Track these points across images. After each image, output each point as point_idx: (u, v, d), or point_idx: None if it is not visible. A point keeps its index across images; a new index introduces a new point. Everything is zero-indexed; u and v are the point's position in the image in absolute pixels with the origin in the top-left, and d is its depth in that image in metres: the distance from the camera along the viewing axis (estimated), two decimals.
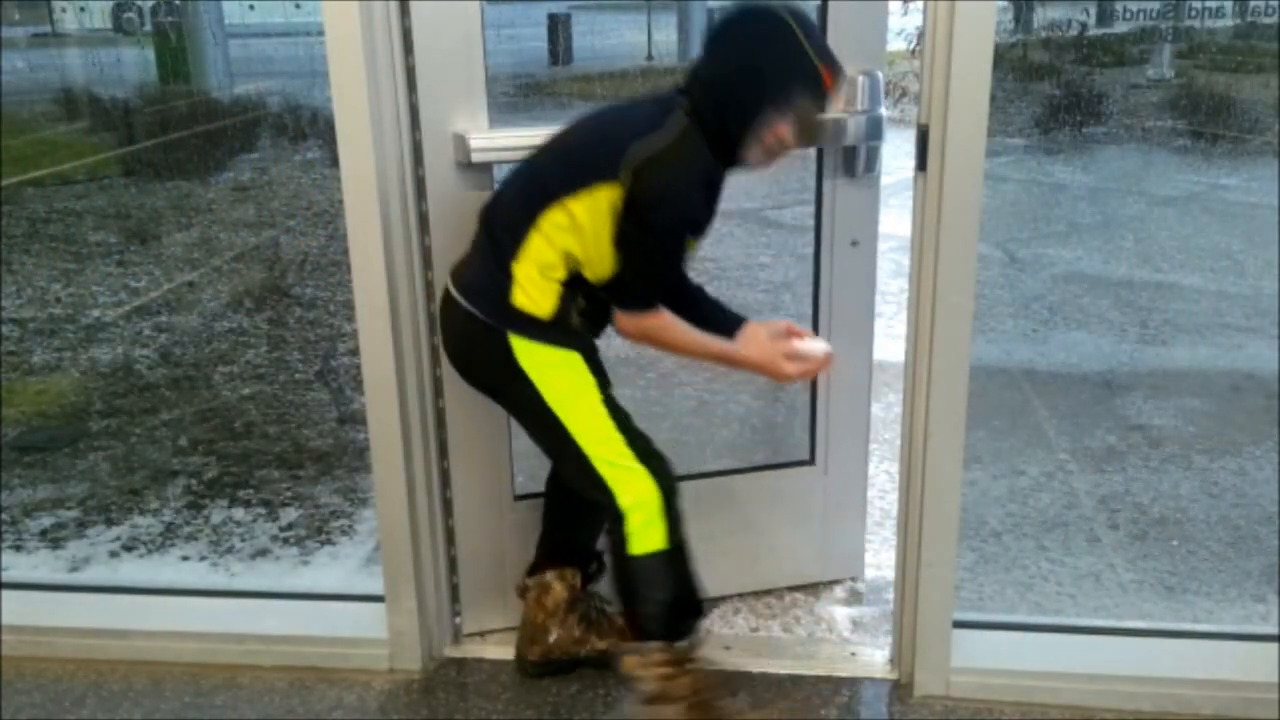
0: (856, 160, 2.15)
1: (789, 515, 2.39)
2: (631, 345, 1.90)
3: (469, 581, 2.25)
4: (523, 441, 1.98)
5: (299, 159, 6.57)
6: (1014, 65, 6.48)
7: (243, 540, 2.77)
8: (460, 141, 1.98)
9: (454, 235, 2.00)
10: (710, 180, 1.74)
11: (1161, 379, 3.85)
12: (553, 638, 2.11)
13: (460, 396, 2.10)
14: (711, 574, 2.02)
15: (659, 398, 2.68)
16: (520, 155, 1.87)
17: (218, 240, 5.47)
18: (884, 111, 2.14)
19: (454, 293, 1.83)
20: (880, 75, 2.10)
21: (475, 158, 1.98)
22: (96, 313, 4.54)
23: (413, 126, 1.97)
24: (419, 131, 1.97)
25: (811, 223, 2.23)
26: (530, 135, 1.98)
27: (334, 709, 2.08)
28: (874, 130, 2.11)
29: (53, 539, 2.80)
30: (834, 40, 1.93)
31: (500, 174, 2.01)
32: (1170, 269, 5.01)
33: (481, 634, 2.29)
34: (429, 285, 2.04)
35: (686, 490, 1.85)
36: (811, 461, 2.38)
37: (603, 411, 1.81)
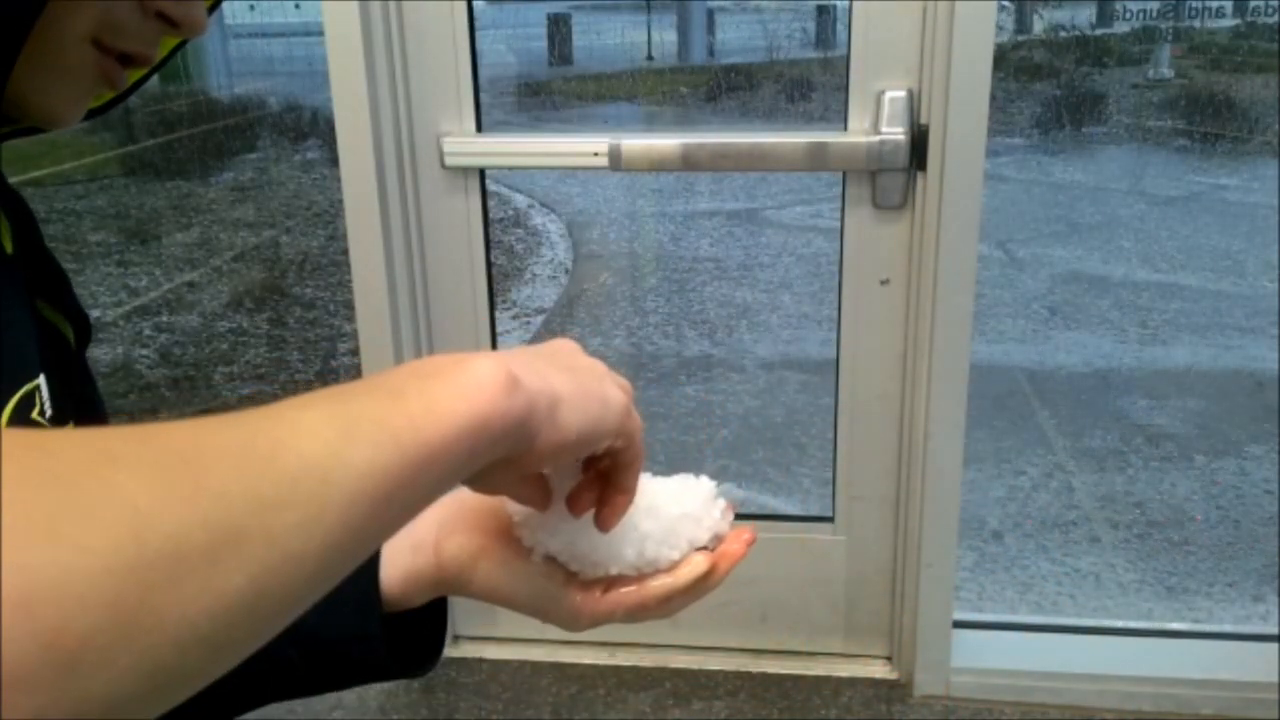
0: (886, 190, 1.89)
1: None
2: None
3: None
4: None
5: (299, 159, 6.57)
6: (1014, 65, 6.48)
7: None
8: (440, 145, 1.96)
9: (441, 243, 2.00)
10: None
11: (1161, 379, 3.85)
12: None
13: None
14: None
15: (658, 398, 2.68)
16: (501, 162, 1.82)
17: (218, 240, 5.47)
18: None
19: None
20: (913, 91, 1.82)
21: (448, 162, 1.95)
22: (96, 313, 4.54)
23: (411, 127, 1.97)
24: (414, 133, 1.97)
25: (813, 222, 2.21)
26: (514, 141, 1.98)
27: (334, 709, 2.08)
28: (904, 155, 1.84)
29: None
30: (860, 50, 1.82)
31: (492, 181, 1.98)
32: (1170, 269, 5.01)
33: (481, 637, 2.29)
34: (428, 286, 2.05)
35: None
36: (832, 520, 2.32)
37: None
